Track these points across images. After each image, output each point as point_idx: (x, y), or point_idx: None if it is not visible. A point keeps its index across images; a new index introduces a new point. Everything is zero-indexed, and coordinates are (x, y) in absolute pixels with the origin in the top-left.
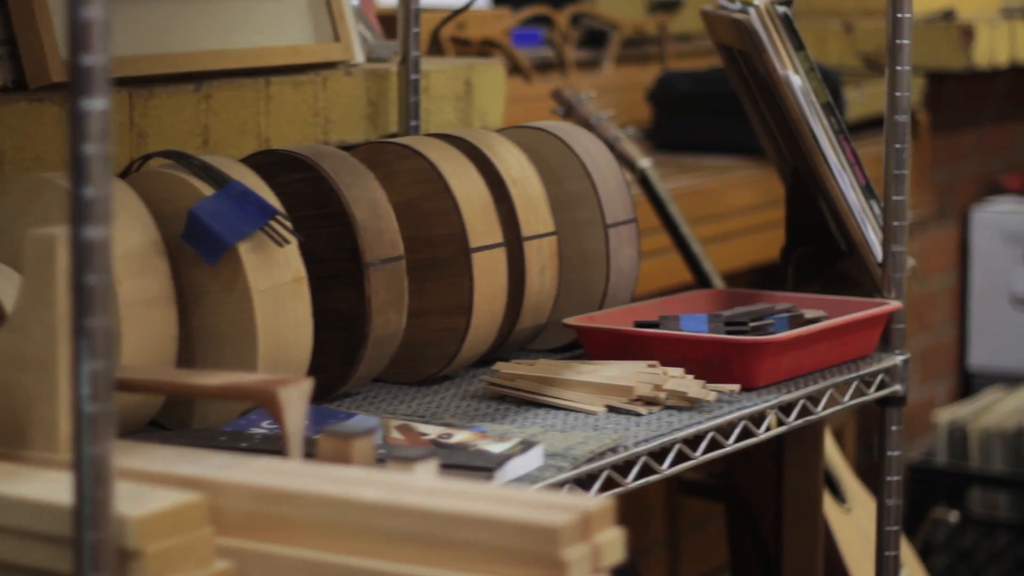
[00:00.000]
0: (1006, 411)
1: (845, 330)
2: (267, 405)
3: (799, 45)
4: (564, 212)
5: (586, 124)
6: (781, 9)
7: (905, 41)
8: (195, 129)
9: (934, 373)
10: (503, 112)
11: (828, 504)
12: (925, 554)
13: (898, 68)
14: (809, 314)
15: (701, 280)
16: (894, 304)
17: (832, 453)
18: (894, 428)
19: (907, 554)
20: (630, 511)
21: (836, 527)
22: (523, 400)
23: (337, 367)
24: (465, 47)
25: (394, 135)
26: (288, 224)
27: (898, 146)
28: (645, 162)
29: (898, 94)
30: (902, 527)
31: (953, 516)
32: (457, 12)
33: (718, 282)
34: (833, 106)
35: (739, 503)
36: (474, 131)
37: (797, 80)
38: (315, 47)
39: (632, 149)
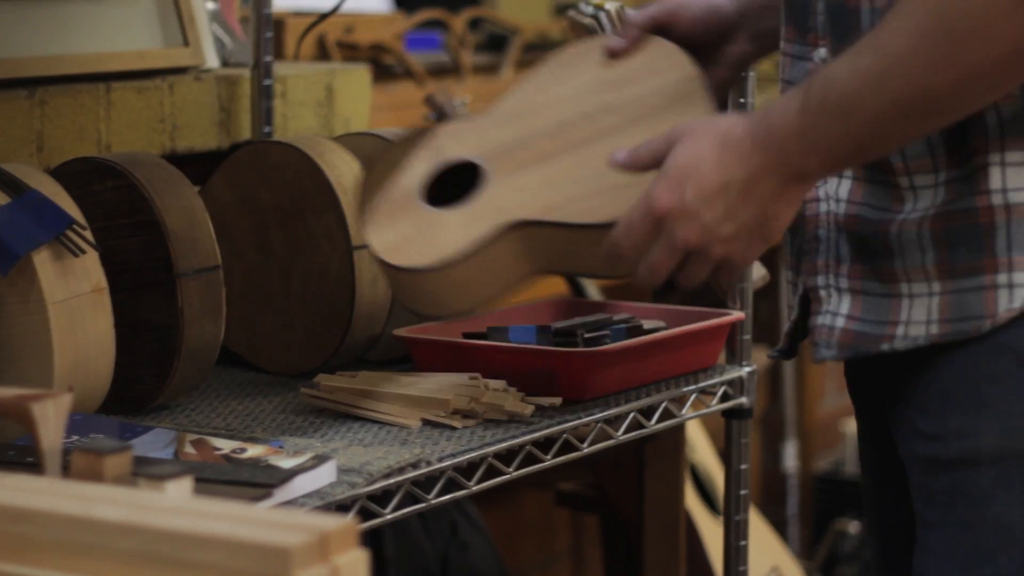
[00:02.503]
0: None
1: (681, 341)
2: (21, 420)
3: None
4: None
5: None
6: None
7: None
8: (28, 136)
9: None
10: (368, 118)
11: (701, 515)
12: (830, 565)
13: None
14: (648, 324)
15: (576, 290)
16: (736, 315)
17: (709, 463)
18: (743, 441)
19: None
20: (536, 521)
21: (708, 538)
22: (341, 413)
23: (151, 379)
24: (353, 52)
25: (249, 142)
26: (86, 234)
27: None
28: None
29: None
30: (810, 537)
31: (854, 527)
32: (323, 17)
33: (594, 292)
34: None
35: (610, 514)
36: (308, 138)
37: None
38: (161, 52)
39: None
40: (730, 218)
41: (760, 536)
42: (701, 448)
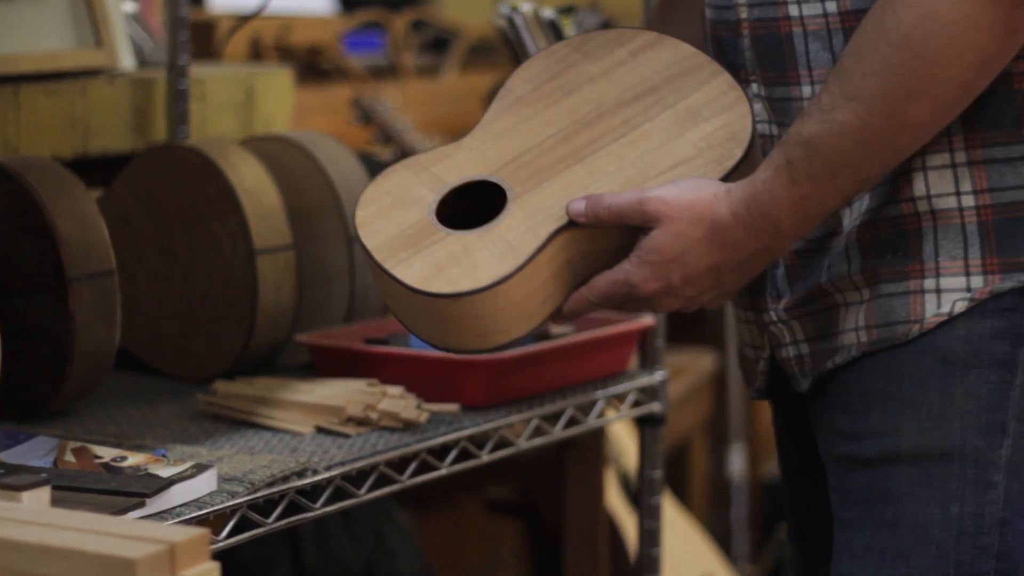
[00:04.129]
0: None
1: (588, 347)
2: None
3: None
4: (306, 225)
5: (386, 133)
6: (547, 15)
7: None
8: None
9: None
10: (291, 120)
11: (630, 522)
12: (777, 570)
13: None
14: (556, 331)
15: None
16: (646, 321)
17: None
18: (655, 448)
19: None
20: (480, 528)
21: (633, 545)
22: (236, 420)
23: (44, 385)
24: (289, 55)
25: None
26: None
27: None
28: None
29: None
30: (757, 542)
31: None
32: (245, 20)
33: None
34: None
35: (536, 520)
36: (212, 141)
37: None
38: (73, 53)
39: None
40: (715, 288)
41: (692, 542)
42: (633, 454)
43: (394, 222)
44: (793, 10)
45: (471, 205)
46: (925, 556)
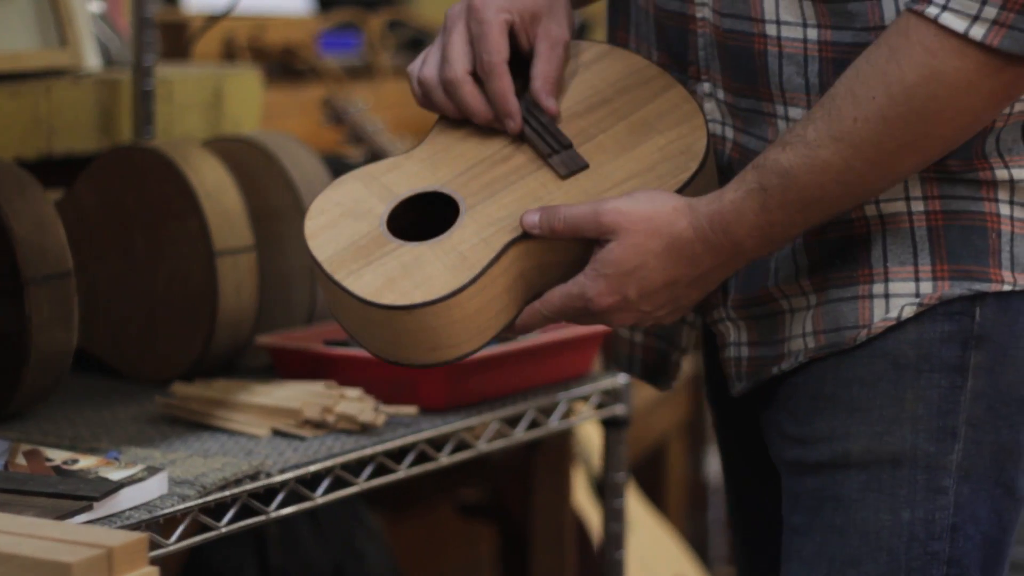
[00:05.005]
0: None
1: (550, 350)
2: None
3: None
4: (268, 226)
5: (357, 134)
6: None
7: None
8: None
9: None
10: (259, 120)
11: (600, 522)
12: None
13: None
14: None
15: None
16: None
17: None
18: (619, 450)
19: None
20: (462, 532)
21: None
22: (194, 422)
23: (1, 387)
24: (262, 55)
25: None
26: None
27: None
28: None
29: None
30: (731, 545)
31: None
32: (214, 20)
33: None
34: None
35: (507, 523)
36: (174, 142)
37: None
38: (37, 53)
39: None
40: (671, 304)
41: (663, 544)
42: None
43: (344, 233)
44: (771, 29)
45: (423, 216)
46: (876, 562)
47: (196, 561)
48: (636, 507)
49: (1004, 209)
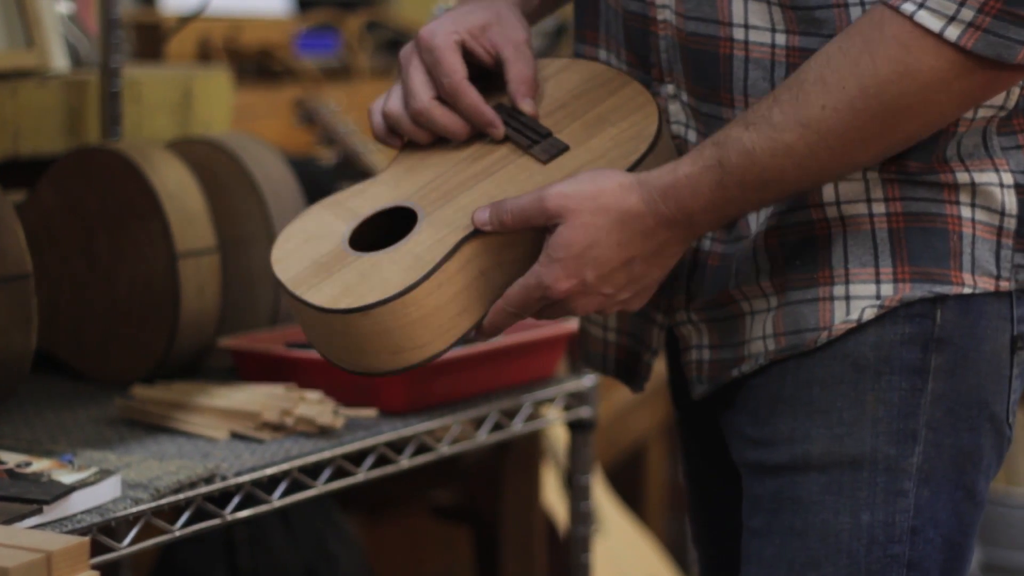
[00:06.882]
0: None
1: (514, 352)
2: None
3: None
4: (232, 228)
5: (329, 135)
6: None
7: None
8: None
9: None
10: (229, 121)
11: None
12: None
13: None
14: None
15: None
16: (571, 325)
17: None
18: (585, 452)
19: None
20: (439, 534)
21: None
22: (153, 424)
23: None
24: (238, 56)
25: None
26: None
27: None
28: None
29: None
30: None
31: None
32: (185, 20)
33: None
34: None
35: (480, 525)
36: (136, 143)
37: None
38: (3, 54)
39: (375, 163)
40: (632, 284)
41: (637, 547)
42: None
43: (308, 255)
44: (739, 33)
45: (388, 234)
46: (836, 565)
47: (165, 563)
48: (611, 510)
49: (965, 212)
